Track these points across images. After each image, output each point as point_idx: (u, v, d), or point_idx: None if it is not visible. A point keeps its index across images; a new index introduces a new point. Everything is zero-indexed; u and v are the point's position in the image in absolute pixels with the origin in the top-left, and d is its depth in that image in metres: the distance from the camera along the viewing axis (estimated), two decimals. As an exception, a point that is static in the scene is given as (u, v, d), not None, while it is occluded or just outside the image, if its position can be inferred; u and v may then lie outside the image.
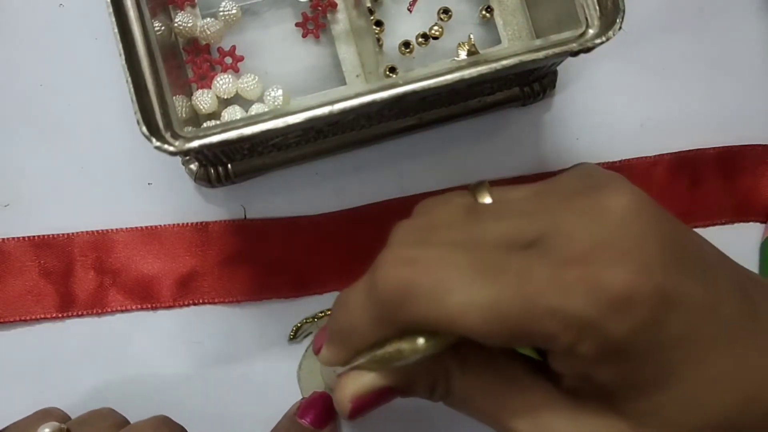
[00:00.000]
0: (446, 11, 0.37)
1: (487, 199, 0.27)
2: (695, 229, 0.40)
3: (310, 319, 0.37)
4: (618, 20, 0.29)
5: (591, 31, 0.30)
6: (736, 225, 0.40)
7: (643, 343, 0.23)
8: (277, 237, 0.38)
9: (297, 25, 0.37)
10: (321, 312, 0.37)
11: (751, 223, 0.40)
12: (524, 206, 0.26)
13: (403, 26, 0.37)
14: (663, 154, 0.40)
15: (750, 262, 0.40)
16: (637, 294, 0.22)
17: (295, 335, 0.37)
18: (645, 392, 0.24)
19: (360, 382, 0.27)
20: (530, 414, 0.25)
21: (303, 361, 0.37)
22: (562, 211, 0.24)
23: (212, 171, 0.37)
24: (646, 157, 0.40)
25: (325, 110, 0.28)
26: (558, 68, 0.39)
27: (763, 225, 0.40)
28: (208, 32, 0.35)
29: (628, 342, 0.23)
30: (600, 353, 0.23)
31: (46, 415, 0.31)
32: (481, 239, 0.25)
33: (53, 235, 0.37)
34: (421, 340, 0.25)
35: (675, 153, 0.40)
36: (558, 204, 0.25)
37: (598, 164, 0.40)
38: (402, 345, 0.25)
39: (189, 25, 0.35)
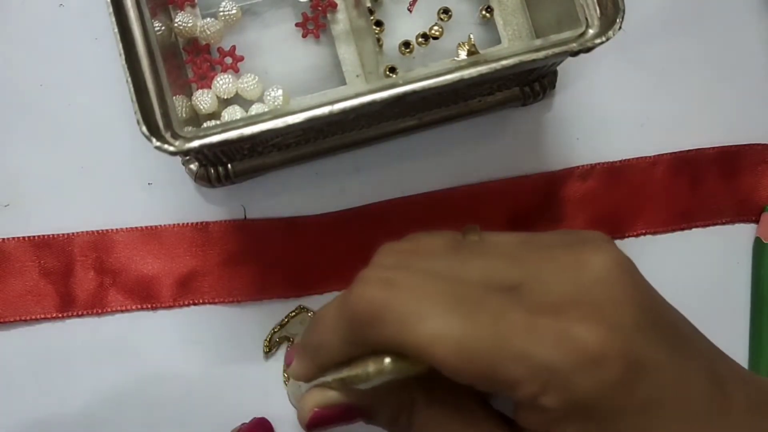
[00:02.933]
0: (446, 11, 0.37)
1: (475, 238, 0.28)
2: (695, 229, 0.40)
3: (277, 328, 0.37)
4: (618, 20, 0.29)
5: (591, 31, 0.30)
6: (736, 225, 0.40)
7: (609, 404, 0.23)
8: (277, 237, 0.38)
9: (297, 25, 0.37)
10: (285, 318, 0.37)
11: (751, 224, 0.40)
12: (509, 250, 0.26)
13: (403, 26, 0.37)
14: (663, 154, 0.40)
15: (750, 261, 0.40)
16: (608, 353, 0.22)
17: (269, 349, 0.37)
18: None
19: (323, 396, 0.27)
20: None
21: (286, 372, 0.37)
22: (544, 261, 0.25)
23: (212, 171, 0.37)
24: (646, 157, 0.40)
25: (325, 110, 0.28)
26: (558, 68, 0.39)
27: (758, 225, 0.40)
28: (208, 32, 0.35)
29: (594, 400, 0.22)
30: (564, 408, 0.23)
31: None
32: (462, 274, 0.25)
33: (53, 235, 0.37)
34: (387, 360, 0.24)
35: (675, 153, 0.40)
36: (541, 254, 0.25)
37: (598, 164, 0.40)
38: (369, 364, 0.25)
39: (189, 25, 0.35)
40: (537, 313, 0.23)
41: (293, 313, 0.37)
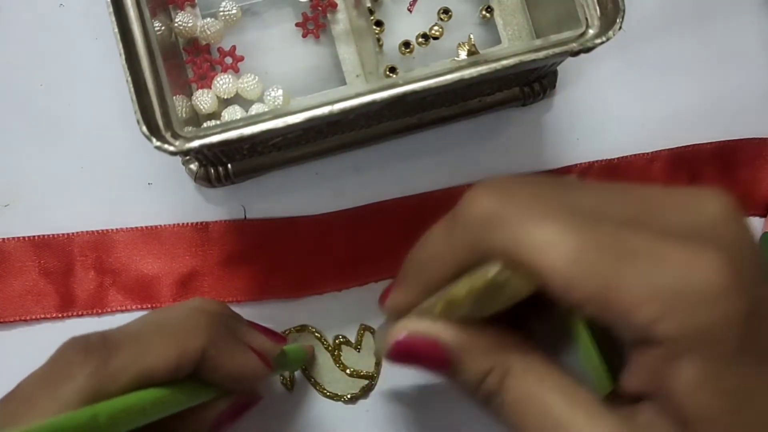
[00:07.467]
0: (446, 11, 0.37)
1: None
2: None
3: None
4: (618, 20, 0.29)
5: (591, 31, 0.30)
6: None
7: (735, 340, 0.20)
8: (277, 237, 0.38)
9: (297, 25, 0.37)
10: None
11: (751, 218, 0.40)
12: (620, 188, 0.24)
13: (403, 26, 0.37)
14: (660, 150, 0.40)
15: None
16: (736, 286, 0.20)
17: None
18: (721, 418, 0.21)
19: (418, 321, 0.25)
20: None
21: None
22: (660, 198, 0.23)
23: (212, 171, 0.37)
24: (644, 154, 0.40)
25: (325, 110, 0.28)
26: (558, 68, 0.39)
27: (764, 219, 0.40)
28: (208, 32, 0.35)
29: (720, 333, 0.20)
30: (684, 339, 0.20)
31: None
32: (576, 202, 0.23)
33: (53, 235, 0.37)
34: (495, 268, 0.22)
35: (672, 149, 0.40)
36: (655, 192, 0.23)
37: (596, 161, 0.40)
38: (475, 277, 0.23)
39: (189, 25, 0.35)
40: (661, 239, 0.21)
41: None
